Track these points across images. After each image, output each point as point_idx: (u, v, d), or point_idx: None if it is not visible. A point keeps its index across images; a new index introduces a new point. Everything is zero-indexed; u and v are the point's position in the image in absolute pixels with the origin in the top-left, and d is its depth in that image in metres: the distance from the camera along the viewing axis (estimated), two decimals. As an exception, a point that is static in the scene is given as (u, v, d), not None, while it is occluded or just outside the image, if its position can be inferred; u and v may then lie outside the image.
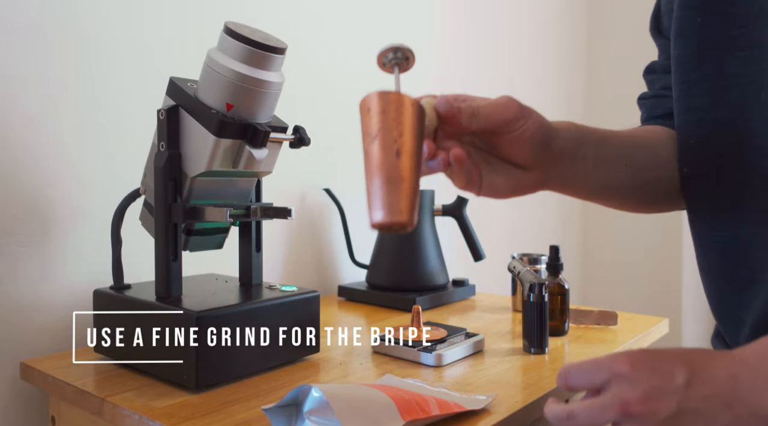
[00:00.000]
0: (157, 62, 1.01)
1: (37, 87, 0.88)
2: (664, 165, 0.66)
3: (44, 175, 0.90)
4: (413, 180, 0.43)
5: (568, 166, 0.58)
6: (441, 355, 0.81)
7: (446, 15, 1.67)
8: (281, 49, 0.72)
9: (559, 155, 0.56)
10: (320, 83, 1.30)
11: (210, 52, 0.72)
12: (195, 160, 0.74)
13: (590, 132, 0.62)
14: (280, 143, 0.78)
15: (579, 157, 0.59)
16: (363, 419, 0.57)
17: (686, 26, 0.61)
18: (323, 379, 0.76)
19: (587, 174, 0.61)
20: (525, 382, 0.76)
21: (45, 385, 0.78)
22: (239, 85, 0.70)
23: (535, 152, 0.54)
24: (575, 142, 0.58)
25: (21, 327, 0.87)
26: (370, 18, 1.43)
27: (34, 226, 0.88)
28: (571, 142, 0.58)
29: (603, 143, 0.62)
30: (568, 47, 2.27)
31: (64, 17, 0.91)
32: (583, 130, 0.61)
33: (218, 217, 0.73)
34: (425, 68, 1.60)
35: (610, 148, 0.62)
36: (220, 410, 0.66)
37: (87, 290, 0.90)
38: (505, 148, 0.54)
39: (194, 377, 0.69)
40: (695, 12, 0.60)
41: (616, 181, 0.64)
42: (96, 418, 0.71)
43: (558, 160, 0.57)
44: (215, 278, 0.90)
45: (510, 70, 1.95)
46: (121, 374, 0.76)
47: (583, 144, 0.59)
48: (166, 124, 0.74)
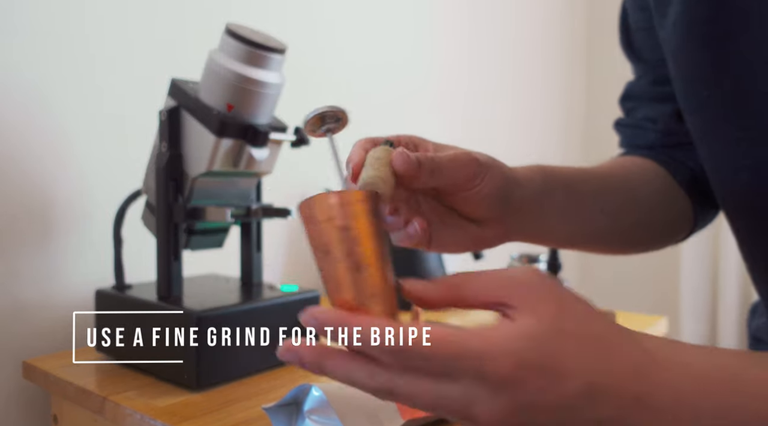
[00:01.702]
0: (158, 63, 1.01)
1: (38, 87, 0.89)
2: (645, 207, 0.61)
3: (45, 175, 0.90)
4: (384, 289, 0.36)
5: (531, 219, 0.51)
6: (441, 355, 0.81)
7: (447, 15, 1.67)
8: (281, 50, 0.72)
9: (519, 209, 0.50)
10: (320, 83, 1.30)
11: (211, 53, 0.72)
12: (196, 160, 0.74)
13: (558, 178, 0.54)
14: (280, 143, 0.78)
15: (544, 208, 0.52)
16: (363, 418, 0.58)
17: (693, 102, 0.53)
18: (323, 379, 0.77)
19: (553, 225, 0.54)
20: (524, 382, 0.76)
21: (47, 384, 0.78)
22: (240, 85, 0.70)
23: (492, 208, 0.47)
24: (538, 193, 0.51)
25: (23, 326, 0.87)
26: (371, 18, 1.43)
27: (36, 226, 0.89)
28: (533, 194, 0.51)
29: (572, 191, 0.55)
30: (568, 47, 2.27)
31: (66, 17, 0.91)
32: (550, 177, 0.53)
33: (219, 217, 0.74)
34: (426, 70, 1.60)
35: (580, 194, 0.56)
36: (221, 409, 0.66)
37: (88, 290, 0.90)
38: (460, 204, 0.47)
39: (195, 376, 0.70)
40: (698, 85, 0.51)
41: (590, 228, 0.57)
42: (97, 417, 0.71)
43: (518, 214, 0.50)
44: (216, 278, 0.91)
45: (510, 70, 1.95)
46: (122, 373, 0.77)
47: (548, 194, 0.52)
48: (168, 124, 0.74)
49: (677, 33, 0.49)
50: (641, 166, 0.64)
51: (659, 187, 0.62)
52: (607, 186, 0.58)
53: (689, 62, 0.49)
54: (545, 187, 0.52)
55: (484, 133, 1.83)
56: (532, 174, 0.52)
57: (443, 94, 1.66)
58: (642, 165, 0.64)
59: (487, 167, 0.45)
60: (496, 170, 0.46)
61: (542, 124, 2.13)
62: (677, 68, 0.51)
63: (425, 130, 1.65)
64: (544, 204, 0.52)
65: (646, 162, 0.64)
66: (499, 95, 1.90)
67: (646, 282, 2.21)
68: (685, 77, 0.50)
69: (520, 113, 2.00)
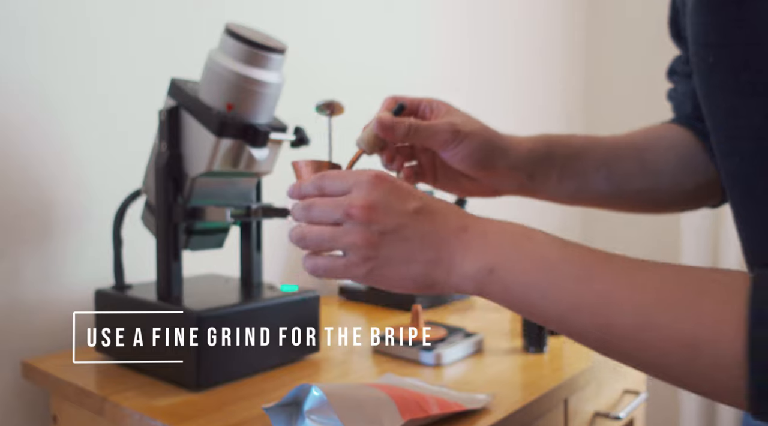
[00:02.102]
0: (158, 63, 1.01)
1: (38, 87, 0.89)
2: (658, 174, 0.64)
3: (45, 175, 0.90)
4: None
5: (525, 182, 0.61)
6: (441, 355, 0.81)
7: (446, 13, 1.67)
8: (281, 50, 0.72)
9: (510, 172, 0.60)
10: (321, 83, 1.30)
11: (211, 52, 0.72)
12: (195, 160, 0.74)
13: (562, 147, 0.62)
14: (280, 143, 0.78)
15: (538, 174, 0.61)
16: (363, 418, 0.57)
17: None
18: (323, 379, 0.77)
19: (550, 188, 0.62)
20: (524, 382, 0.76)
21: (46, 384, 0.78)
22: (240, 85, 0.70)
23: (473, 169, 0.59)
24: (534, 162, 0.60)
25: (22, 326, 0.87)
26: (371, 18, 1.43)
27: (36, 226, 0.89)
28: (526, 163, 0.60)
29: (575, 158, 0.62)
30: (568, 47, 2.27)
31: (66, 17, 0.91)
32: (555, 147, 0.61)
33: (219, 217, 0.74)
34: (425, 68, 1.60)
35: (584, 161, 0.62)
36: (221, 409, 0.66)
37: (88, 290, 0.90)
38: (446, 161, 0.59)
39: (195, 376, 0.69)
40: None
41: (592, 192, 0.63)
42: (97, 417, 0.71)
43: (510, 177, 0.60)
44: (216, 278, 0.91)
45: (510, 70, 1.95)
46: (122, 373, 0.77)
47: (546, 163, 0.61)
48: (167, 124, 0.74)
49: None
50: (672, 134, 0.66)
51: (683, 154, 0.64)
52: (615, 155, 0.63)
53: (698, 28, 0.49)
54: (544, 158, 0.60)
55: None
56: (534, 144, 0.60)
57: (443, 93, 1.66)
58: (673, 133, 0.66)
59: (464, 135, 0.56)
60: (476, 138, 0.57)
61: (542, 124, 2.13)
62: (690, 35, 0.52)
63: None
64: (535, 172, 0.60)
65: (681, 130, 0.66)
66: (499, 93, 1.90)
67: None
68: (697, 41, 0.50)
69: (519, 113, 2.00)
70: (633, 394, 1.02)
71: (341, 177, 0.47)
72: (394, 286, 0.47)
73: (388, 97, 0.59)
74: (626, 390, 1.02)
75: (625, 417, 0.93)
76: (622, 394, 1.01)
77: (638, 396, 1.02)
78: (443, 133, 0.56)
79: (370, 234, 0.45)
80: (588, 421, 0.90)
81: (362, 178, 0.46)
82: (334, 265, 0.48)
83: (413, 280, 0.46)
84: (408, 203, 0.46)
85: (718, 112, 0.51)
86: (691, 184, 0.64)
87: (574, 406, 0.85)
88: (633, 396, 1.02)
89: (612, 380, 0.97)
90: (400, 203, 0.46)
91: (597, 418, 0.92)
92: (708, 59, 0.49)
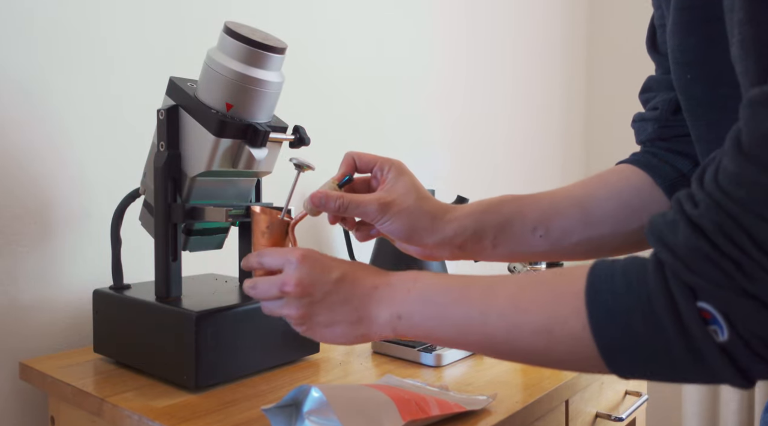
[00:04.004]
0: (157, 62, 1.01)
1: (37, 87, 0.88)
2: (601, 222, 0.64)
3: (44, 175, 0.89)
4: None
5: (457, 252, 0.65)
6: (441, 355, 0.81)
7: (447, 15, 1.67)
8: (281, 49, 0.72)
9: (439, 246, 0.64)
10: (321, 83, 1.30)
11: (210, 51, 0.72)
12: (195, 160, 0.73)
13: (492, 216, 0.64)
14: (280, 143, 0.78)
15: (469, 246, 0.64)
16: (363, 419, 0.57)
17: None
18: (323, 380, 0.76)
19: (485, 254, 0.66)
20: (525, 383, 0.76)
21: (44, 385, 0.78)
22: (239, 84, 0.70)
23: (405, 242, 0.64)
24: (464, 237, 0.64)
25: (20, 327, 0.87)
26: (371, 17, 1.42)
27: (34, 226, 0.88)
28: (454, 238, 0.64)
29: (507, 225, 0.64)
30: (568, 47, 2.27)
31: (65, 17, 0.91)
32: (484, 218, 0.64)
33: (218, 217, 0.73)
34: (426, 67, 1.59)
35: (518, 226, 0.64)
36: (220, 410, 0.66)
37: (87, 290, 0.90)
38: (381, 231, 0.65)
39: (194, 377, 0.69)
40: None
41: (526, 250, 0.65)
42: (95, 418, 0.71)
43: (440, 249, 0.64)
44: (215, 278, 0.90)
45: (510, 71, 1.95)
46: (120, 374, 0.76)
47: (476, 236, 0.64)
48: (166, 124, 0.74)
49: (671, 18, 0.52)
50: (615, 178, 0.66)
51: (626, 198, 0.64)
52: (553, 212, 0.65)
53: (678, 46, 0.52)
54: (476, 230, 0.64)
55: (484, 130, 1.83)
56: (465, 219, 0.64)
57: (443, 92, 1.66)
58: (617, 177, 0.66)
59: (393, 212, 0.62)
60: (403, 216, 0.62)
61: (542, 124, 2.13)
62: (670, 52, 0.54)
63: (425, 127, 1.65)
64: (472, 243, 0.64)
65: (628, 171, 0.66)
66: (499, 91, 1.90)
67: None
68: (675, 60, 0.53)
69: (520, 111, 2.00)
70: (634, 395, 1.02)
71: (276, 254, 0.58)
72: (328, 342, 0.57)
73: (347, 154, 0.65)
74: (628, 391, 1.02)
75: (626, 418, 0.93)
76: (624, 395, 1.01)
77: (640, 397, 1.02)
78: (371, 210, 0.61)
79: (302, 306, 0.55)
80: (589, 423, 0.89)
81: (291, 257, 0.56)
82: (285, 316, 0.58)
83: (343, 336, 0.56)
84: (330, 274, 0.56)
85: (700, 124, 0.54)
86: (636, 224, 0.63)
87: (575, 407, 0.85)
88: (634, 397, 1.02)
89: (613, 381, 0.97)
90: (324, 275, 0.55)
91: (598, 419, 0.91)
92: (686, 76, 0.52)
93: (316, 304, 0.55)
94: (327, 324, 0.56)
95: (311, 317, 0.56)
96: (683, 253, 0.37)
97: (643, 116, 0.68)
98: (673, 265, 0.38)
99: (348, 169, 0.65)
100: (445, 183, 1.65)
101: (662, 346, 0.39)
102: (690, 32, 0.51)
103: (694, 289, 0.37)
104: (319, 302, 0.55)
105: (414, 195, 0.63)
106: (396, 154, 0.73)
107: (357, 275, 0.56)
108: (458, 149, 1.72)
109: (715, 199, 0.37)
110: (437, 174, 1.64)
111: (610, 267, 0.42)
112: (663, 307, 0.38)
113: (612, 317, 0.40)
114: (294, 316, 0.56)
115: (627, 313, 0.40)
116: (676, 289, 0.38)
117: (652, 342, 0.39)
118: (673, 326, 0.38)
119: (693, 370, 0.39)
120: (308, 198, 0.62)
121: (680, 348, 0.38)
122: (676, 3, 0.51)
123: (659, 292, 0.38)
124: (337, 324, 0.55)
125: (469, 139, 1.77)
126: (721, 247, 0.36)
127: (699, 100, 0.53)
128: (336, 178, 0.65)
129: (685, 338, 0.38)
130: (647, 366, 0.41)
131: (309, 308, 0.55)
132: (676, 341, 0.38)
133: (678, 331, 0.38)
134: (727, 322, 0.36)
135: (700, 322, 0.37)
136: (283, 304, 0.57)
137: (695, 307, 0.37)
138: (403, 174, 0.64)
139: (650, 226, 0.41)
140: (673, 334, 0.38)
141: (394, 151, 1.43)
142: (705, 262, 0.36)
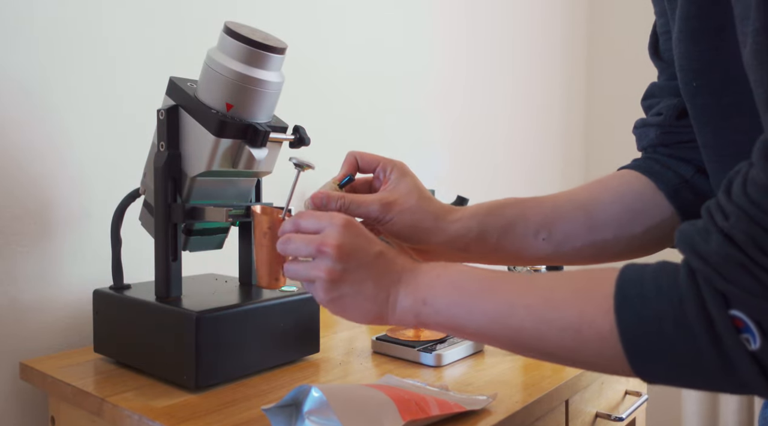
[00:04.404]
0: (157, 62, 1.01)
1: (37, 87, 0.88)
2: (597, 228, 0.64)
3: (44, 175, 0.89)
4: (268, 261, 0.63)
5: (460, 254, 0.64)
6: (441, 355, 0.81)
7: (447, 15, 1.67)
8: (281, 49, 0.72)
9: (443, 247, 0.63)
10: (321, 83, 1.30)
11: (210, 51, 0.72)
12: (195, 160, 0.73)
13: (495, 219, 0.64)
14: (280, 143, 0.78)
15: (473, 248, 0.64)
16: (363, 419, 0.57)
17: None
18: (323, 379, 0.76)
19: (488, 257, 0.65)
20: (525, 383, 0.76)
21: (44, 385, 0.78)
22: (239, 84, 0.70)
23: (408, 243, 0.64)
24: (468, 239, 0.63)
25: (21, 327, 0.87)
26: (372, 18, 1.42)
27: (34, 226, 0.88)
28: (458, 240, 0.63)
29: (510, 228, 0.64)
30: (568, 47, 2.27)
31: (66, 17, 0.91)
32: (487, 221, 0.63)
33: (218, 217, 0.73)
34: (426, 69, 1.59)
35: (521, 229, 0.64)
36: (220, 410, 0.66)
37: (87, 290, 0.90)
38: (383, 232, 0.64)
39: (194, 377, 0.69)
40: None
41: (529, 255, 0.65)
42: (95, 418, 0.71)
43: (443, 251, 0.64)
44: (215, 278, 0.90)
45: (510, 71, 1.94)
46: (120, 374, 0.76)
47: (480, 238, 0.63)
48: (166, 124, 0.74)
49: (677, 26, 0.53)
50: (617, 183, 0.66)
51: (629, 203, 0.64)
52: (556, 216, 0.64)
53: (684, 54, 0.52)
54: (480, 232, 0.63)
55: (484, 130, 1.83)
56: (468, 221, 0.63)
57: (443, 92, 1.66)
58: (619, 182, 0.66)
59: (395, 212, 0.61)
60: (406, 217, 0.62)
61: (542, 125, 2.13)
62: (677, 60, 0.54)
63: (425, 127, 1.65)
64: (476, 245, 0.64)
65: (630, 176, 0.66)
66: (499, 91, 1.90)
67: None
68: (681, 68, 0.53)
69: (520, 111, 2.00)
70: (634, 395, 1.02)
71: (315, 217, 0.56)
72: (349, 317, 0.55)
73: (349, 154, 0.65)
74: (628, 391, 1.02)
75: (626, 418, 0.93)
76: (624, 395, 1.01)
77: (640, 397, 1.02)
78: (373, 210, 0.61)
79: (335, 271, 0.53)
80: (589, 423, 0.89)
81: (335, 221, 0.54)
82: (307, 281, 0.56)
83: (365, 314, 0.55)
84: (374, 247, 0.54)
85: (706, 130, 0.54)
86: (639, 228, 0.64)
87: (575, 407, 0.85)
88: (634, 397, 1.02)
89: (613, 381, 0.97)
90: (367, 246, 0.54)
91: (598, 419, 0.91)
92: (692, 83, 0.53)
93: (348, 272, 0.53)
94: (352, 295, 0.54)
95: (339, 285, 0.53)
96: (715, 261, 0.37)
97: (646, 122, 0.68)
98: (706, 272, 0.38)
99: (350, 168, 0.65)
100: (445, 183, 1.65)
101: (693, 352, 0.38)
102: (696, 41, 0.51)
103: (727, 296, 0.37)
104: (353, 272, 0.53)
105: (416, 195, 0.63)
106: (396, 154, 0.73)
107: (392, 254, 0.55)
108: (458, 149, 1.72)
109: (745, 210, 0.37)
110: (437, 174, 1.64)
111: (639, 271, 0.42)
112: (695, 314, 0.37)
113: (640, 321, 0.40)
114: (324, 278, 0.53)
115: (657, 318, 0.39)
116: (709, 296, 0.37)
117: (682, 348, 0.38)
118: (705, 333, 0.37)
119: (722, 378, 0.38)
120: (309, 198, 0.62)
121: (711, 355, 0.37)
122: (682, 12, 0.51)
123: (691, 299, 0.38)
124: (362, 298, 0.54)
125: (469, 139, 1.77)
126: (754, 257, 0.36)
127: (705, 107, 0.53)
128: (337, 179, 0.64)
129: (716, 346, 0.37)
130: (674, 371, 0.40)
131: (341, 274, 0.53)
132: (707, 348, 0.37)
133: (710, 338, 0.37)
134: (759, 330, 0.36)
135: (732, 329, 0.36)
136: (312, 266, 0.54)
137: (728, 315, 0.37)
138: (405, 175, 0.64)
139: (681, 234, 0.41)
140: (705, 341, 0.37)
141: (393, 151, 1.43)
142: (738, 270, 0.36)
